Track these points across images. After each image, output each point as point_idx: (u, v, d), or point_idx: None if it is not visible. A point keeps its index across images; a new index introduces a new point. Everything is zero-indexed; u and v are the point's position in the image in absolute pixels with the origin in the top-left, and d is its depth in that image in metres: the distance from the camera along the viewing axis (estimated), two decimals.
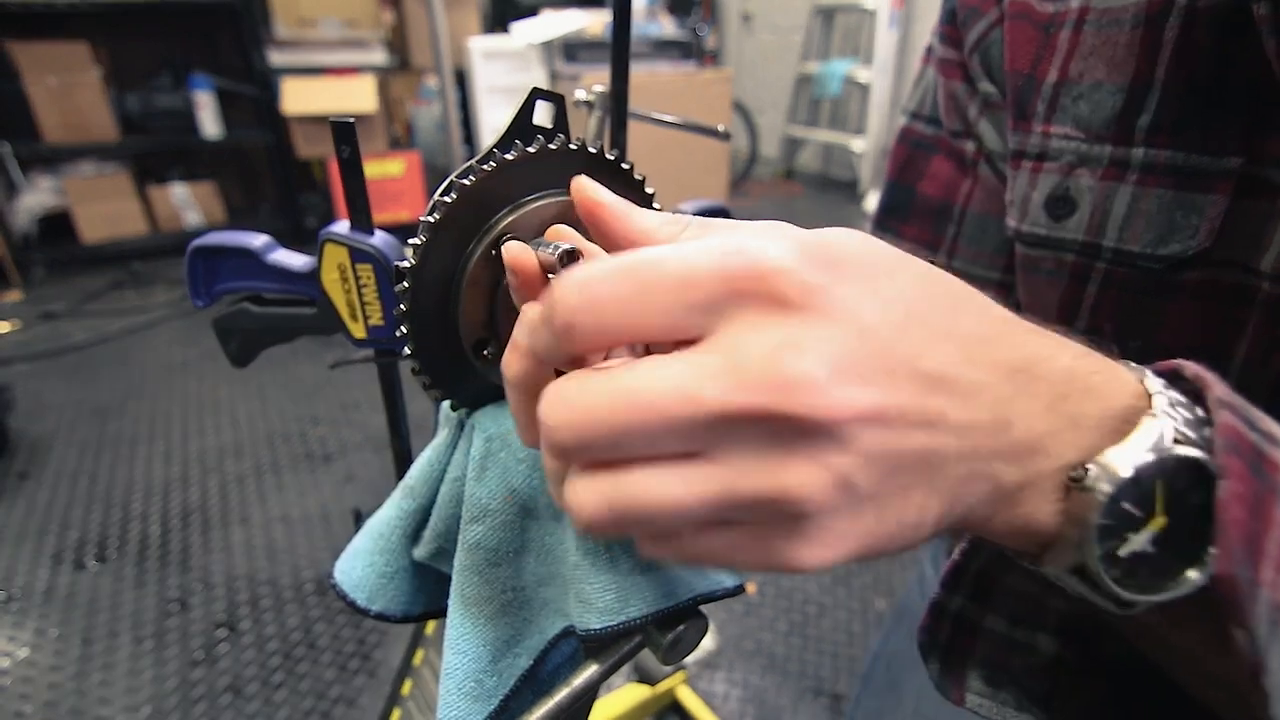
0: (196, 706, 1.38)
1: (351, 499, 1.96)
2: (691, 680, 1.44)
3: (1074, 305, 0.46)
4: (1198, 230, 0.39)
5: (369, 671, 1.47)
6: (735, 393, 0.19)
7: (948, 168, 0.56)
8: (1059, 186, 0.44)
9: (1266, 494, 0.22)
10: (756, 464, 0.20)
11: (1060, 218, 0.44)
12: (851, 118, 5.03)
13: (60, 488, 2.00)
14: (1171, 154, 0.40)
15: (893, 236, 0.60)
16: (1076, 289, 0.45)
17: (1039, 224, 0.46)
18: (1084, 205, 0.43)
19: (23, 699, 1.39)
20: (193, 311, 3.11)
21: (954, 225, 0.56)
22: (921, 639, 0.31)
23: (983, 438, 0.22)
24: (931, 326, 0.22)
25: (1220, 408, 0.23)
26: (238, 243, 0.43)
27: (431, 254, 0.32)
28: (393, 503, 0.41)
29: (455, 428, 0.40)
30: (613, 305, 0.20)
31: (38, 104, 3.27)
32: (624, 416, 0.20)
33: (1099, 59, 0.41)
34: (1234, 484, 0.22)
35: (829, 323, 0.20)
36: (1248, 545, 0.22)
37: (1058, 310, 0.47)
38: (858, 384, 0.20)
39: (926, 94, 0.56)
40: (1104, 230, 0.42)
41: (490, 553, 0.38)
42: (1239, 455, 0.22)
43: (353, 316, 0.43)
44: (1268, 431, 0.24)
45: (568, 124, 0.36)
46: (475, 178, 0.31)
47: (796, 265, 0.20)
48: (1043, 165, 0.45)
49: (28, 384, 2.50)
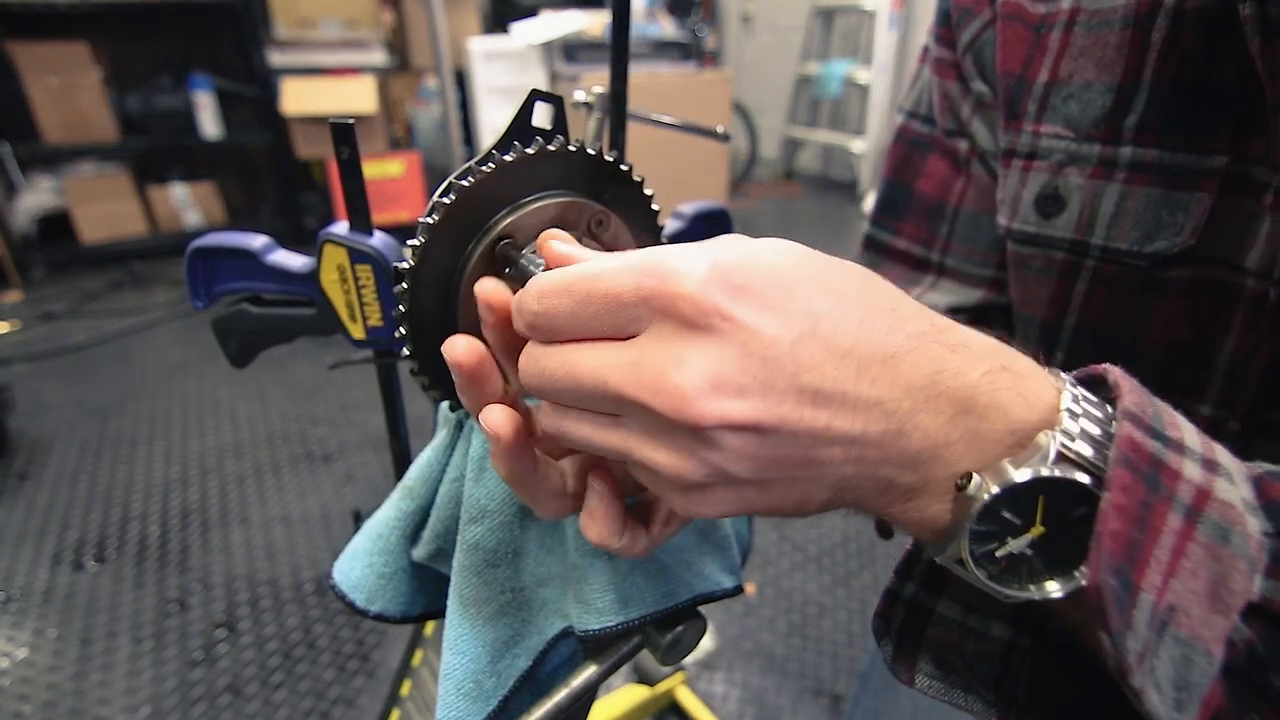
0: (196, 707, 1.38)
1: (351, 499, 1.96)
2: (691, 681, 1.44)
3: (1063, 302, 0.47)
4: (1183, 228, 0.40)
5: (368, 672, 1.47)
6: (630, 386, 0.24)
7: (943, 166, 0.56)
8: (1048, 185, 0.45)
9: (1159, 502, 0.23)
10: (648, 440, 0.26)
11: (1050, 215, 0.45)
12: (851, 119, 5.03)
13: (60, 488, 2.00)
14: (1159, 153, 0.40)
15: (890, 234, 0.61)
16: (1065, 286, 0.46)
17: (1029, 222, 0.46)
18: (1073, 203, 0.44)
19: (21, 699, 1.39)
20: (192, 312, 3.11)
21: (948, 224, 0.57)
22: (875, 623, 0.32)
23: (871, 448, 0.25)
24: (830, 344, 0.24)
25: (1123, 419, 0.24)
26: (237, 243, 0.43)
27: (431, 255, 0.32)
28: (392, 503, 0.41)
29: (454, 428, 0.40)
30: (561, 313, 0.26)
31: (38, 104, 3.27)
32: (563, 380, 0.27)
33: (1089, 59, 0.42)
34: (1117, 496, 0.23)
35: (717, 342, 0.24)
36: (1126, 554, 0.23)
37: (1047, 307, 0.48)
38: (731, 397, 0.23)
39: (923, 93, 0.57)
40: (1092, 228, 0.43)
41: (489, 553, 0.38)
42: (1129, 467, 0.23)
43: (352, 317, 0.43)
44: (1174, 440, 0.25)
45: (567, 125, 0.36)
46: (474, 179, 0.32)
47: (697, 289, 0.24)
48: (1033, 164, 0.46)
49: (28, 384, 2.50)
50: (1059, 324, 0.48)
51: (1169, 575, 0.23)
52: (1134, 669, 0.23)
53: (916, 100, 0.58)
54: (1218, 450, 0.27)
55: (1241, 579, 0.24)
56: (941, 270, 0.59)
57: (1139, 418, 0.25)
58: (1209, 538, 0.24)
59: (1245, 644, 0.24)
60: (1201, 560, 0.24)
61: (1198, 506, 0.24)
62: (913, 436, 0.25)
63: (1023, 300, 0.50)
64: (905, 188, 0.59)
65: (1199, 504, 0.24)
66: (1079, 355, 0.47)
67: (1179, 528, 0.24)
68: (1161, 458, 0.24)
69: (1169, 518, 0.24)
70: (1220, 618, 0.24)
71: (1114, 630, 0.23)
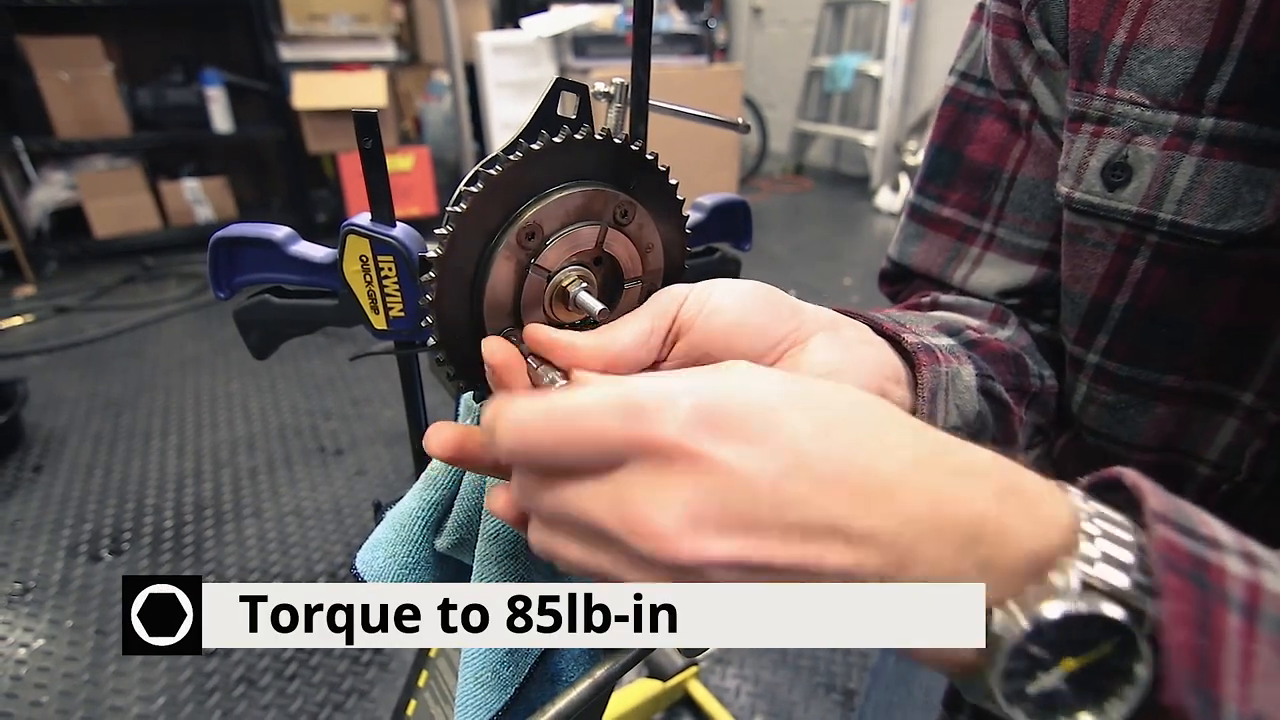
0: (211, 698, 1.39)
1: (363, 493, 1.97)
2: (703, 675, 1.44)
3: (1117, 279, 0.44)
4: (1264, 206, 0.38)
5: (381, 664, 1.47)
6: (611, 523, 0.24)
7: (999, 130, 0.53)
8: (1118, 153, 0.42)
9: (1215, 605, 0.22)
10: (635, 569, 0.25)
11: (1115, 186, 0.43)
12: (863, 112, 5.00)
13: (75, 480, 2.02)
14: (1244, 126, 0.38)
15: (935, 202, 0.58)
16: (1123, 262, 0.44)
17: (1093, 192, 0.44)
18: (1142, 174, 0.41)
19: (39, 689, 1.41)
20: (205, 306, 3.13)
21: (1001, 191, 0.54)
22: None
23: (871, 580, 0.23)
24: (817, 476, 0.23)
25: (1155, 522, 0.23)
26: (260, 234, 0.43)
27: (458, 244, 0.32)
28: (415, 493, 0.41)
29: (478, 418, 0.40)
30: (541, 450, 0.25)
31: (50, 99, 3.29)
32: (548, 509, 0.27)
33: (1172, 22, 0.39)
34: (1174, 604, 0.21)
35: (697, 481, 0.23)
36: (1199, 666, 0.21)
37: (1099, 284, 0.45)
38: (714, 536, 0.23)
39: (978, 53, 0.54)
40: (1161, 202, 0.41)
41: (509, 544, 0.38)
42: (1177, 571, 0.22)
43: (374, 308, 0.43)
44: (1209, 537, 0.23)
45: (591, 114, 0.36)
46: (501, 168, 0.31)
47: (678, 433, 0.24)
48: (1104, 130, 0.43)
49: (41, 377, 2.52)
50: (1109, 303, 0.45)
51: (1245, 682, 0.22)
52: None
53: (970, 61, 0.55)
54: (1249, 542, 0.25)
55: None
56: (990, 242, 0.55)
57: (1169, 519, 0.23)
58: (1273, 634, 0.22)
59: None
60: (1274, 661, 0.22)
61: (1253, 603, 0.22)
62: (916, 569, 0.23)
63: (1073, 276, 0.48)
64: (955, 153, 0.56)
65: (1254, 600, 0.22)
66: (1127, 337, 0.45)
67: (1240, 628, 0.22)
68: (1204, 556, 0.23)
69: (1228, 619, 0.22)
70: None
71: None
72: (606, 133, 0.34)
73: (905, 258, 0.59)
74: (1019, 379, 0.49)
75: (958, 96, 0.55)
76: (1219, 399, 0.44)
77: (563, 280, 0.36)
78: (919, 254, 0.59)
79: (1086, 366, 0.48)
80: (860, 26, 4.89)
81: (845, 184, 5.20)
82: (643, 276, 0.39)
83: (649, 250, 0.38)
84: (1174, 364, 0.44)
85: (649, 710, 1.34)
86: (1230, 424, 0.45)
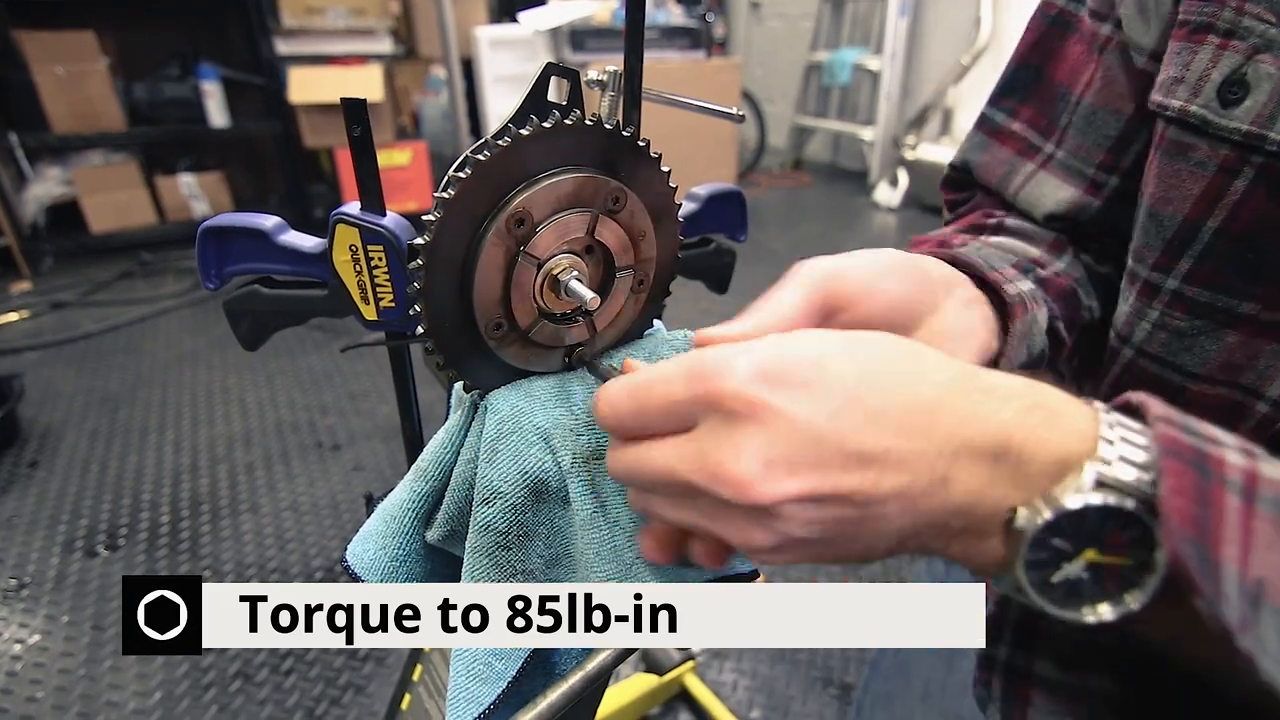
0: (207, 693, 1.39)
1: (360, 487, 1.96)
2: (700, 670, 1.44)
3: (1213, 201, 0.44)
4: None
5: (378, 659, 1.47)
6: (695, 475, 0.28)
7: (1079, 50, 0.53)
8: (1238, 69, 0.41)
9: (1214, 485, 0.25)
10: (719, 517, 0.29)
11: (1229, 104, 0.42)
12: (861, 107, 4.99)
13: (71, 476, 2.01)
14: None
15: (1006, 116, 0.59)
16: (1223, 183, 0.43)
17: (1209, 107, 0.43)
18: (1259, 93, 0.41)
19: (35, 684, 1.40)
20: (201, 301, 3.12)
21: (1068, 114, 0.54)
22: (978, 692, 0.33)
23: (920, 498, 0.27)
24: (867, 409, 0.26)
25: (1158, 422, 0.26)
26: (248, 223, 0.42)
27: (446, 231, 0.32)
28: (405, 485, 0.41)
29: (469, 409, 0.39)
30: (627, 417, 0.30)
31: (45, 94, 3.27)
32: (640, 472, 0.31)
33: None
34: (1173, 480, 0.24)
35: (763, 428, 0.26)
36: (1196, 528, 0.24)
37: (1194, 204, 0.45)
38: (785, 476, 0.26)
39: None
40: (1275, 122, 0.40)
41: (500, 535, 0.37)
42: (1177, 457, 0.25)
43: (364, 298, 0.43)
44: (1208, 435, 0.26)
45: (583, 100, 0.35)
46: (490, 153, 0.31)
47: (738, 385, 0.27)
48: (1229, 43, 0.42)
49: (38, 373, 2.51)
50: (1200, 225, 0.45)
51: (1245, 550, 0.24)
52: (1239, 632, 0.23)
53: None
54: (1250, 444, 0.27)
55: None
56: (1047, 162, 0.56)
57: (1172, 419, 0.26)
58: (1272, 513, 0.25)
59: None
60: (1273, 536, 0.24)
61: (1251, 486, 0.25)
62: (955, 482, 0.27)
63: (1164, 196, 0.46)
64: (1035, 69, 0.56)
65: (1251, 484, 0.25)
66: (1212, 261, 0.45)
67: (1239, 506, 0.24)
68: (1203, 449, 0.25)
69: (1227, 498, 0.24)
70: None
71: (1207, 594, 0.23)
72: (597, 118, 0.33)
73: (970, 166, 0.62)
74: (1072, 313, 0.52)
75: (1048, 10, 0.55)
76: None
77: (553, 268, 0.35)
78: (981, 165, 0.60)
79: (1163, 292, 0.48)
80: (858, 20, 4.87)
81: (844, 179, 5.19)
82: (635, 265, 0.38)
83: (641, 238, 0.38)
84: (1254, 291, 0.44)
85: (645, 705, 1.34)
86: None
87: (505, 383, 0.39)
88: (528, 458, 0.37)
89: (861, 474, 0.26)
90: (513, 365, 0.39)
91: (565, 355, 0.40)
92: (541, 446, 0.37)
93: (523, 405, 0.38)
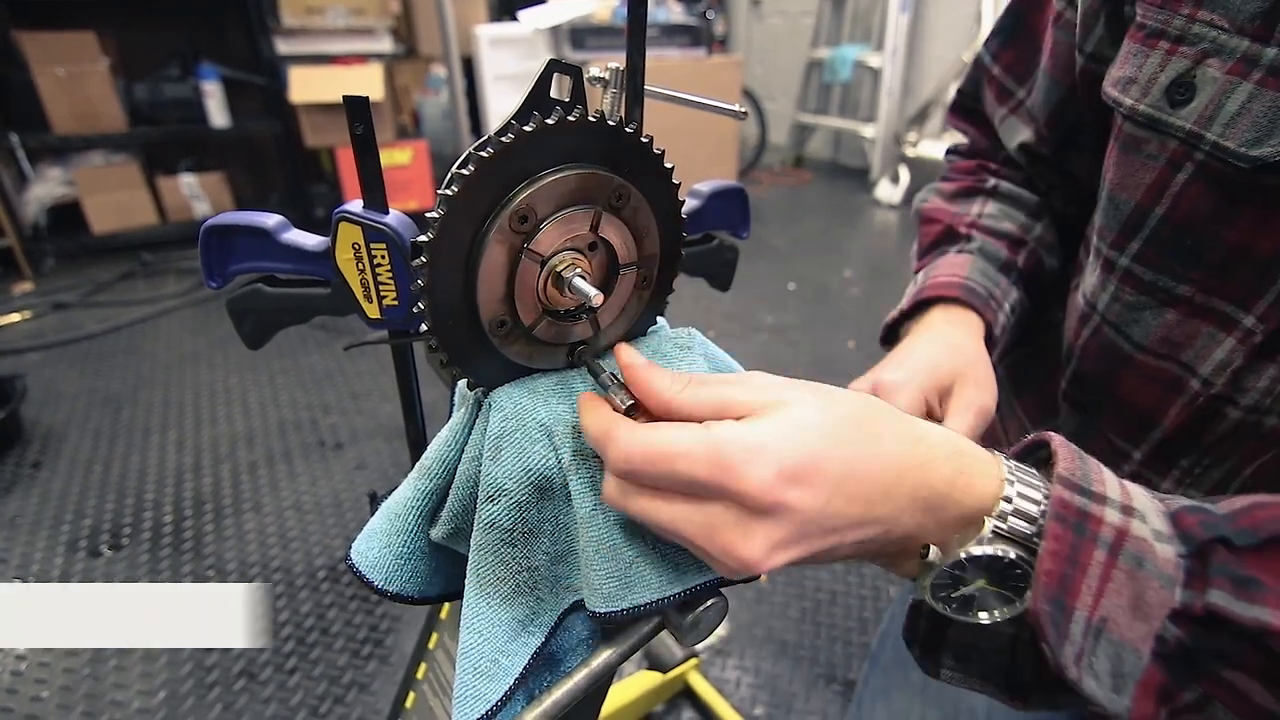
0: (211, 691, 1.39)
1: (363, 486, 1.96)
2: (703, 667, 1.44)
3: (1160, 190, 0.48)
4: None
5: (381, 657, 1.47)
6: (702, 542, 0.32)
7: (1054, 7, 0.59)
8: (1187, 73, 0.45)
9: (1086, 544, 0.32)
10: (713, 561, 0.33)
11: (1177, 104, 0.45)
12: (862, 104, 4.99)
13: (74, 476, 2.01)
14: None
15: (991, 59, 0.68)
16: (1168, 175, 0.47)
17: (1157, 106, 0.46)
18: (1203, 95, 0.44)
19: (39, 684, 1.41)
20: (203, 301, 3.12)
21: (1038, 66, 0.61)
22: (905, 634, 0.40)
23: (871, 543, 0.34)
24: (849, 495, 0.32)
25: (1056, 483, 0.33)
26: (251, 222, 0.42)
27: (449, 228, 0.32)
28: (410, 483, 0.41)
29: (473, 406, 0.39)
30: (640, 472, 0.33)
31: (46, 94, 3.27)
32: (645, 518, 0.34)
33: None
34: (1051, 544, 0.31)
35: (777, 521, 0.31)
36: (1060, 586, 0.31)
37: (1145, 192, 0.49)
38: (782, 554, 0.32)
39: None
40: (1211, 123, 0.43)
41: (505, 532, 0.37)
42: (1060, 521, 0.32)
43: (367, 296, 0.42)
44: (1099, 493, 0.33)
45: (585, 97, 0.35)
46: (493, 150, 0.31)
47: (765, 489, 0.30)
48: (1178, 49, 0.45)
49: (40, 374, 2.52)
50: (1150, 211, 0.49)
51: (1099, 596, 0.31)
52: (1069, 667, 0.31)
53: None
54: (1134, 495, 0.34)
55: (1155, 593, 0.31)
56: (1017, 108, 0.65)
57: (1069, 480, 0.33)
58: (1128, 565, 0.31)
59: (1176, 640, 0.31)
60: (1124, 583, 0.31)
61: (1118, 543, 0.32)
62: (896, 530, 0.33)
63: (1121, 183, 0.51)
64: (1020, 17, 0.63)
65: (1119, 541, 0.32)
66: (1156, 244, 0.49)
67: (1104, 560, 0.31)
68: (1087, 509, 0.32)
69: (1095, 554, 0.31)
70: (1142, 624, 0.31)
71: (1051, 642, 0.31)
72: (600, 114, 0.33)
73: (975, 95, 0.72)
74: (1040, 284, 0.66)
75: None
76: (1223, 317, 0.47)
77: (557, 265, 0.35)
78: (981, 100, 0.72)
79: (1118, 268, 0.53)
80: (859, 17, 4.86)
81: (845, 176, 5.18)
82: (638, 262, 0.38)
83: (644, 235, 0.38)
84: (1189, 275, 0.48)
85: (649, 702, 1.34)
86: (1227, 343, 0.47)
87: (509, 380, 0.39)
88: (532, 454, 0.37)
89: (837, 537, 0.33)
90: (516, 362, 0.39)
91: (569, 352, 0.40)
92: (545, 443, 0.37)
93: (526, 402, 0.38)
